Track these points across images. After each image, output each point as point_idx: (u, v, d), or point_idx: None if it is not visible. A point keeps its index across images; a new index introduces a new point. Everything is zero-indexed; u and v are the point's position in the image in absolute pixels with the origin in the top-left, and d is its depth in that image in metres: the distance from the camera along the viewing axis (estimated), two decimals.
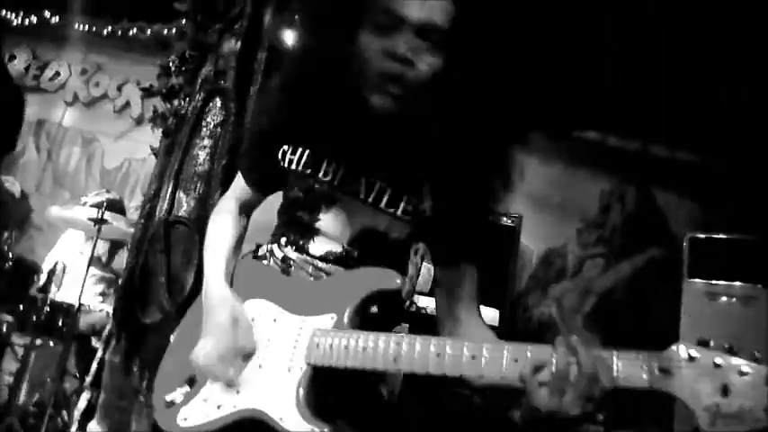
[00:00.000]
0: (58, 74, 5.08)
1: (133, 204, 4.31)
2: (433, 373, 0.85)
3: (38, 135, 5.01)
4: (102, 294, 4.02)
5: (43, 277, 3.36)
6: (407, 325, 1.25)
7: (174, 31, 3.66)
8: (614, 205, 4.64)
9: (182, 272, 2.76)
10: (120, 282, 2.73)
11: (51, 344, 3.23)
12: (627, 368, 0.76)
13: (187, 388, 1.08)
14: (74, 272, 3.86)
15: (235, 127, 2.89)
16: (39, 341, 3.19)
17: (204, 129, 2.89)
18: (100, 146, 4.97)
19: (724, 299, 3.94)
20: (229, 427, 1.00)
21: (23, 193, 4.78)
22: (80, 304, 3.08)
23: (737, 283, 3.90)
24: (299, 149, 1.11)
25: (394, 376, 1.21)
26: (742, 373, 0.70)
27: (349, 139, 1.05)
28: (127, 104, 5.01)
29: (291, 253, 1.12)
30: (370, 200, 1.06)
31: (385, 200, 1.05)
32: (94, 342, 3.15)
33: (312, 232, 1.10)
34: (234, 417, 1.00)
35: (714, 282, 3.97)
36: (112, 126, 4.99)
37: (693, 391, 0.72)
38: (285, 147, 1.13)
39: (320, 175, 1.09)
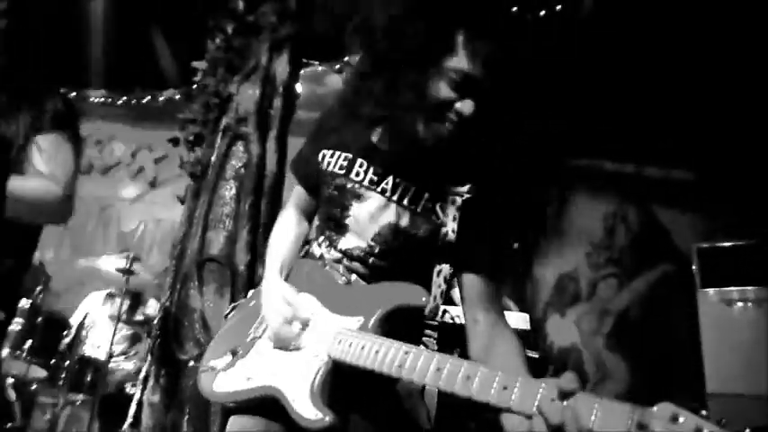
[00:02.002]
0: None
1: (152, 262, 4.39)
2: (429, 385, 0.91)
3: None
4: (125, 353, 4.03)
5: (72, 333, 3.40)
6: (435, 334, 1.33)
7: (188, 94, 3.89)
8: (618, 226, 4.79)
9: (216, 307, 2.83)
10: (155, 322, 2.78)
11: (80, 398, 3.23)
12: (605, 418, 0.73)
13: (229, 357, 1.18)
14: (97, 332, 3.91)
15: (258, 168, 3.06)
16: (67, 398, 3.20)
17: (229, 171, 3.05)
18: (116, 211, 5.12)
19: (739, 304, 4.01)
20: (255, 401, 1.10)
21: (41, 262, 4.86)
22: (110, 354, 3.11)
23: (750, 288, 3.98)
24: (337, 153, 1.26)
25: (430, 397, 1.28)
26: None
27: (388, 154, 1.19)
28: (141, 169, 5.21)
29: (326, 252, 1.24)
30: (395, 197, 1.18)
31: (408, 197, 1.17)
32: (129, 389, 3.15)
33: (343, 228, 1.22)
34: (258, 392, 1.09)
35: (727, 289, 4.05)
36: (127, 191, 5.16)
37: None
38: (325, 151, 1.28)
39: (352, 174, 1.22)
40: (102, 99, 5.06)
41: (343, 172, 1.23)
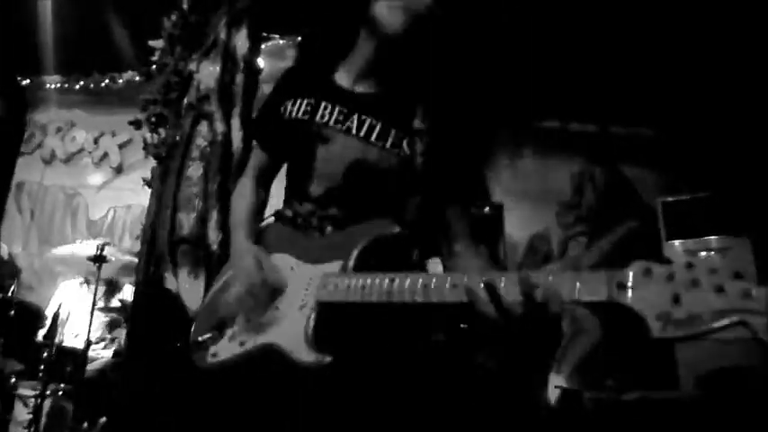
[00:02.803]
0: (33, 135, 5.14)
1: (125, 247, 4.35)
2: (420, 301, 0.94)
3: (18, 197, 5.02)
4: (103, 340, 4.02)
5: (47, 323, 3.37)
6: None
7: (148, 75, 3.79)
8: (586, 185, 4.89)
9: (191, 289, 2.83)
10: (129, 307, 2.78)
11: (62, 386, 3.23)
12: (587, 286, 0.82)
13: (216, 331, 1.21)
14: (75, 319, 3.87)
15: (224, 146, 3.03)
16: (48, 390, 3.19)
17: (195, 151, 3.01)
18: (83, 199, 5.02)
19: (703, 254, 4.16)
20: (252, 362, 1.12)
21: (10, 255, 4.77)
22: (89, 342, 3.10)
23: (713, 237, 4.13)
24: (299, 100, 1.25)
25: None
26: (694, 283, 0.73)
27: (352, 93, 1.19)
28: (105, 155, 5.09)
29: (298, 207, 1.23)
30: (361, 134, 1.18)
31: (375, 134, 1.17)
32: (110, 374, 3.16)
33: (311, 174, 1.22)
34: (254, 351, 1.12)
35: (691, 240, 4.19)
36: (93, 178, 5.06)
37: (647, 301, 0.75)
38: (287, 102, 1.27)
39: (317, 117, 1.22)
40: (59, 85, 4.90)
41: (307, 117, 1.22)
